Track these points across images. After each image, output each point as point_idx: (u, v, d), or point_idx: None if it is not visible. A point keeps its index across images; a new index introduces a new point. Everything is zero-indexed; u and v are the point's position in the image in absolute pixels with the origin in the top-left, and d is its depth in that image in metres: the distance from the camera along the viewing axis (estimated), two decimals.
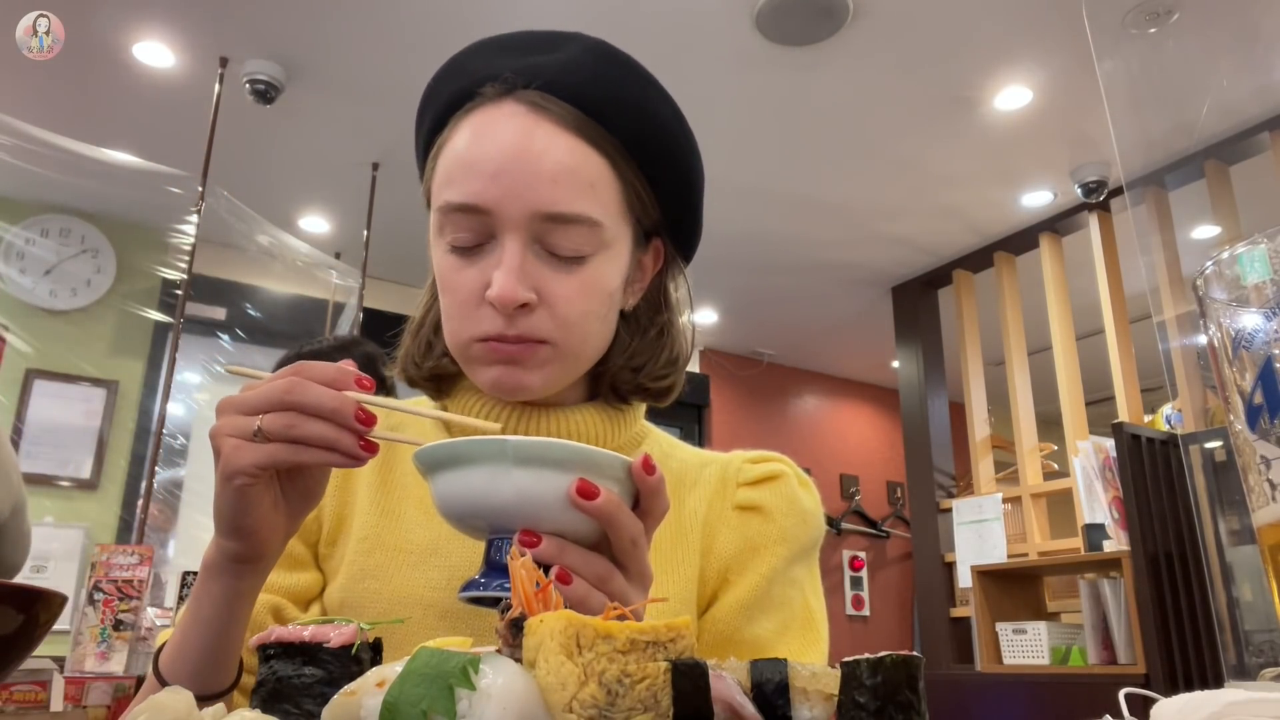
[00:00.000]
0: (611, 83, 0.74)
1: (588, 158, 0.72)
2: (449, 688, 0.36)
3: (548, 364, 0.73)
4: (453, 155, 0.73)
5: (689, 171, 0.80)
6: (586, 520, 0.57)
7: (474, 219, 0.71)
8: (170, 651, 0.64)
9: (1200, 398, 3.43)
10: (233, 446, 0.58)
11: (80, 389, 4.01)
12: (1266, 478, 0.50)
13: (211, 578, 0.62)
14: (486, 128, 0.72)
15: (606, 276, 0.74)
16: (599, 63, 0.75)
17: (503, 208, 0.69)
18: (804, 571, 0.83)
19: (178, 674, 0.63)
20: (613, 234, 0.74)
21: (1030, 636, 3.31)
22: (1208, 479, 2.76)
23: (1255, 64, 3.13)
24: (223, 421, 0.59)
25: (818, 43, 3.04)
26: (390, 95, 3.31)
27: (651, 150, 0.75)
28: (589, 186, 0.71)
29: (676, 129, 0.78)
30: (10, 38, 2.20)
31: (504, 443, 0.56)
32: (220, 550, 0.61)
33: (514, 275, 0.69)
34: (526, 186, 0.69)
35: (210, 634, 0.62)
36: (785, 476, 0.83)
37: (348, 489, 0.80)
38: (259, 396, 0.58)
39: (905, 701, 0.40)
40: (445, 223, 0.72)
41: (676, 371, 0.83)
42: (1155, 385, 4.25)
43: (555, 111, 0.71)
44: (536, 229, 0.70)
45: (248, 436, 0.58)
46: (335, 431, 0.58)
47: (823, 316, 5.33)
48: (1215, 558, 2.67)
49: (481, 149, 0.71)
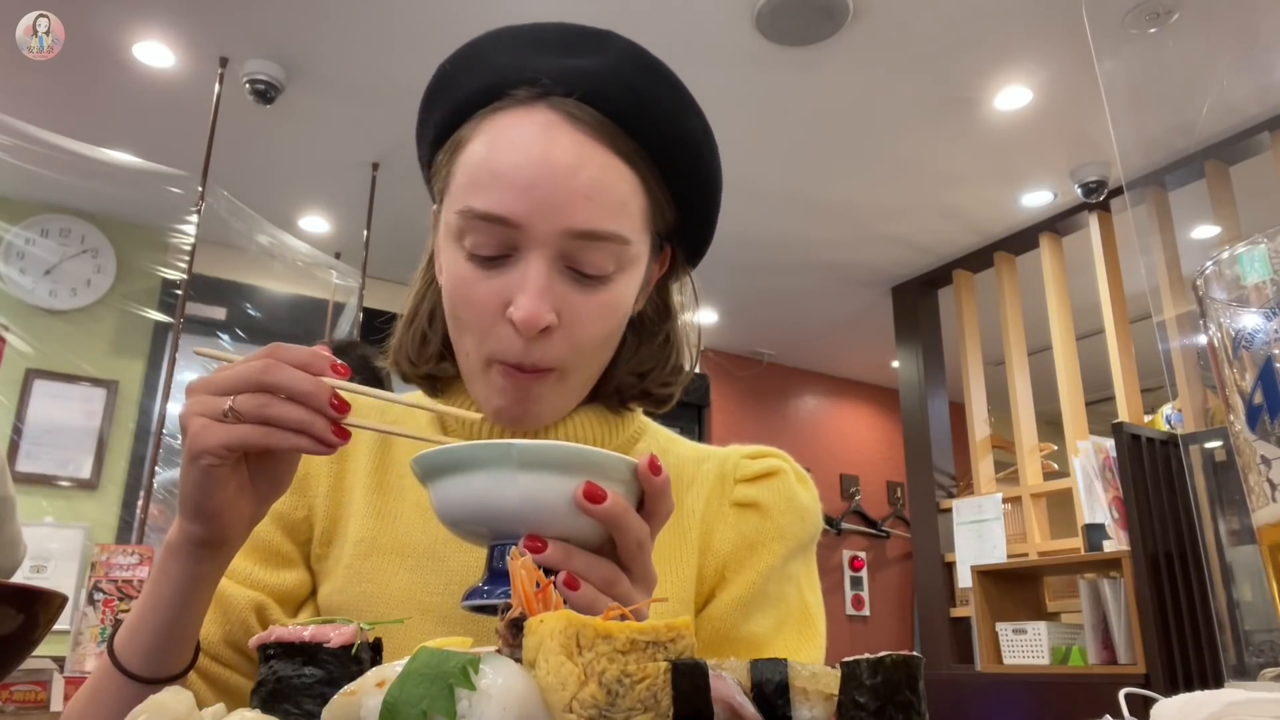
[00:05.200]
0: (648, 96, 0.72)
1: (621, 175, 0.70)
2: (449, 688, 0.36)
3: (553, 391, 0.72)
4: (480, 159, 0.69)
5: (713, 186, 0.78)
6: (592, 524, 0.56)
7: (500, 230, 0.67)
8: (126, 633, 0.62)
9: (1200, 398, 3.43)
10: (201, 425, 0.56)
11: (80, 389, 4.01)
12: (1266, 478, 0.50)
13: (171, 559, 0.60)
14: (518, 135, 0.68)
15: (626, 296, 0.73)
16: (637, 73, 0.72)
17: (532, 223, 0.67)
18: (801, 568, 0.82)
19: (131, 656, 0.61)
20: (637, 250, 0.72)
21: (1030, 636, 3.31)
22: (1208, 479, 2.76)
23: (1255, 64, 3.13)
24: (192, 401, 0.57)
25: (818, 43, 3.04)
26: (390, 95, 3.31)
27: (682, 166, 0.74)
28: (620, 204, 0.69)
29: (705, 144, 0.76)
30: (10, 38, 2.20)
31: (508, 446, 0.55)
32: (182, 533, 0.60)
33: (539, 297, 0.66)
34: (559, 203, 0.67)
35: (167, 617, 0.61)
36: (783, 473, 0.83)
37: (342, 488, 0.79)
38: (231, 376, 0.57)
39: (905, 701, 0.40)
40: (467, 229, 0.69)
41: (681, 379, 0.82)
42: (1155, 385, 4.26)
43: (590, 124, 0.69)
44: (564, 246, 0.68)
45: (217, 416, 0.56)
46: (309, 415, 0.56)
47: (823, 316, 5.33)
48: (1215, 558, 2.67)
49: (513, 158, 0.67)
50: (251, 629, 0.73)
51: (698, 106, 0.76)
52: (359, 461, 0.80)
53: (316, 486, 0.78)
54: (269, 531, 0.76)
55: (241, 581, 0.74)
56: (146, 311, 4.09)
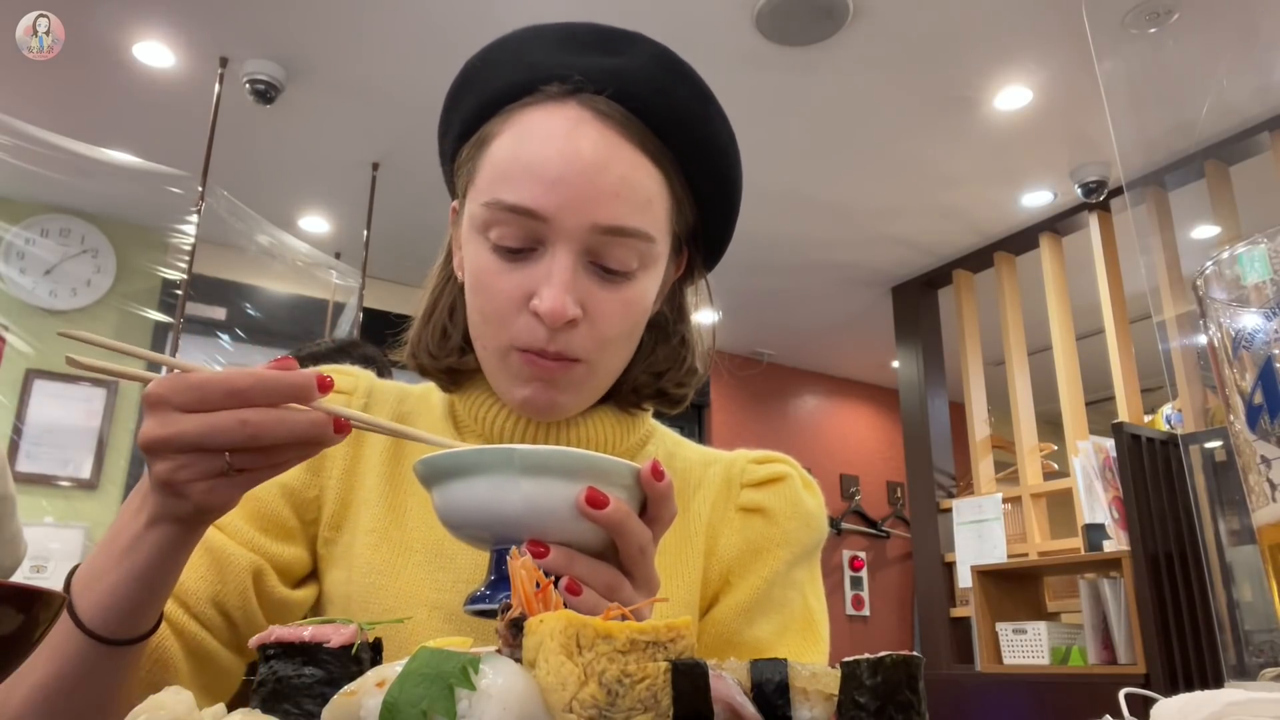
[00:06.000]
0: (677, 99, 0.72)
1: (649, 174, 0.71)
2: (449, 688, 0.36)
3: (581, 384, 0.72)
4: (508, 153, 0.70)
5: (734, 189, 0.79)
6: (594, 529, 0.56)
7: (527, 223, 0.68)
8: (91, 595, 0.58)
9: (1200, 398, 3.43)
10: (207, 488, 0.54)
11: (80, 389, 4.01)
12: (1266, 478, 0.50)
13: (152, 529, 0.57)
14: (548, 129, 0.69)
15: (648, 293, 0.73)
16: (666, 74, 0.73)
17: (560, 216, 0.67)
18: (805, 573, 0.82)
19: (97, 618, 0.58)
20: (660, 249, 0.73)
21: (1030, 636, 3.31)
22: (1208, 479, 2.76)
23: (1255, 64, 3.13)
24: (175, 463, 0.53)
25: (818, 43, 3.04)
26: (390, 95, 3.31)
27: (706, 169, 0.75)
28: (646, 202, 0.70)
29: (729, 148, 0.77)
30: (10, 38, 2.20)
31: (510, 452, 0.55)
32: (169, 510, 0.56)
33: (565, 290, 0.67)
34: (587, 198, 0.67)
35: (145, 584, 0.58)
36: (789, 478, 0.83)
37: (356, 473, 0.78)
38: (216, 433, 0.52)
39: (905, 701, 0.40)
40: (493, 221, 0.69)
41: (695, 380, 0.83)
42: (1155, 385, 4.25)
43: (620, 122, 0.70)
44: (590, 241, 0.68)
45: (218, 474, 0.54)
46: (315, 445, 0.56)
47: (823, 316, 5.33)
48: (1215, 558, 2.67)
49: (543, 152, 0.68)
50: (246, 593, 0.71)
51: (723, 112, 0.77)
52: (373, 448, 0.80)
53: (331, 468, 0.78)
54: (276, 502, 0.75)
55: (243, 544, 0.72)
56: (146, 311, 4.09)
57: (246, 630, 0.71)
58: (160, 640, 0.66)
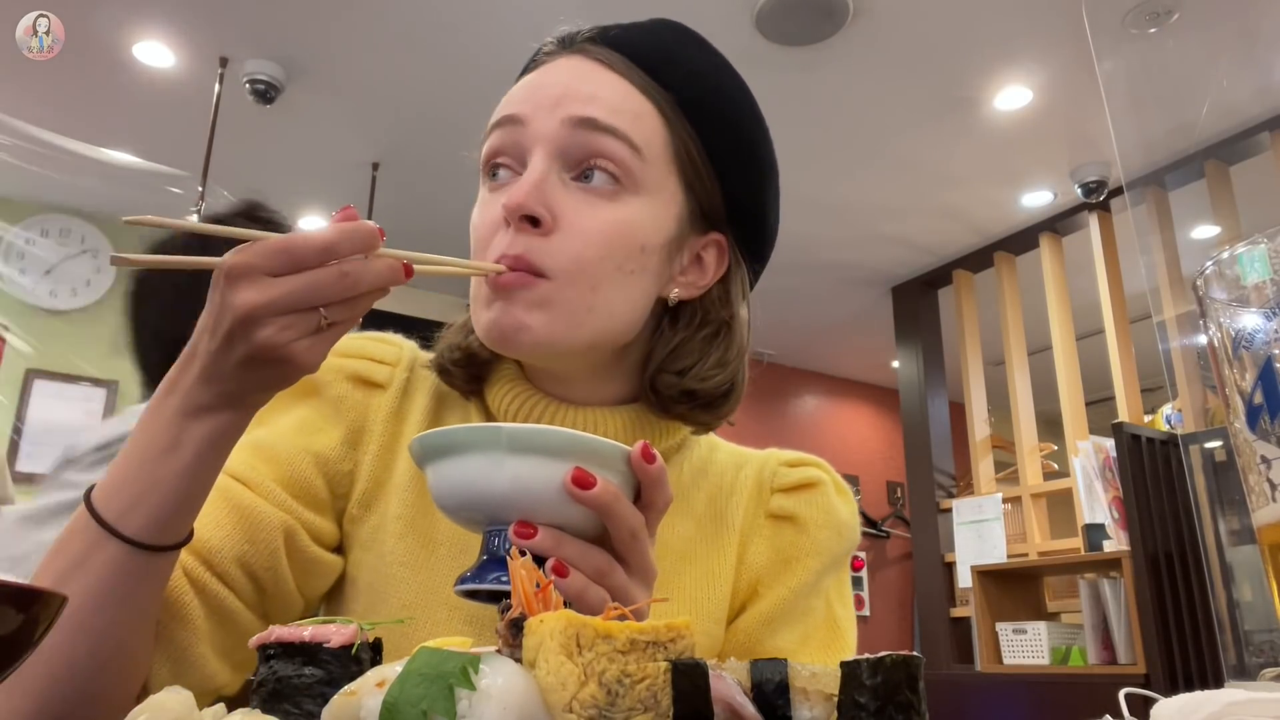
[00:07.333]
0: (668, 44, 0.75)
1: (638, 101, 0.70)
2: (449, 688, 0.36)
3: (548, 304, 0.66)
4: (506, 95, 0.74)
5: (752, 146, 0.77)
6: (586, 512, 0.55)
7: (509, 135, 0.69)
8: (123, 499, 0.56)
9: (1200, 398, 3.43)
10: (307, 345, 0.54)
11: (80, 389, 4.01)
12: (1266, 478, 0.50)
13: (197, 420, 0.56)
14: (539, 75, 0.73)
15: (638, 225, 0.69)
16: (662, 29, 0.75)
17: (536, 116, 0.68)
18: (833, 580, 0.80)
19: (132, 522, 0.56)
20: (653, 177, 0.70)
21: (1030, 636, 3.31)
22: (1208, 479, 2.76)
23: (1255, 64, 3.13)
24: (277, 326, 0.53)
25: (818, 43, 3.04)
26: (390, 95, 3.31)
27: (707, 112, 0.73)
28: (632, 115, 0.69)
29: (739, 99, 0.77)
30: (10, 38, 2.20)
31: (498, 429, 0.54)
32: (221, 398, 0.56)
33: (531, 185, 0.66)
34: (561, 98, 0.69)
35: (198, 479, 0.57)
36: (822, 484, 0.80)
37: (393, 452, 0.76)
38: (320, 287, 0.54)
39: (905, 701, 0.40)
40: (487, 154, 0.71)
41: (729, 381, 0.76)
42: (1155, 385, 4.26)
43: (604, 57, 0.71)
44: (564, 140, 0.67)
45: (314, 330, 0.54)
46: (385, 292, 0.57)
47: (823, 316, 5.33)
48: (1215, 558, 2.67)
49: (532, 80, 0.72)
50: (276, 553, 0.68)
51: (731, 69, 0.78)
52: (414, 428, 0.76)
53: (369, 443, 0.75)
54: (309, 470, 0.72)
55: (276, 504, 0.70)
56: None
57: (274, 591, 0.69)
58: (178, 594, 0.64)
